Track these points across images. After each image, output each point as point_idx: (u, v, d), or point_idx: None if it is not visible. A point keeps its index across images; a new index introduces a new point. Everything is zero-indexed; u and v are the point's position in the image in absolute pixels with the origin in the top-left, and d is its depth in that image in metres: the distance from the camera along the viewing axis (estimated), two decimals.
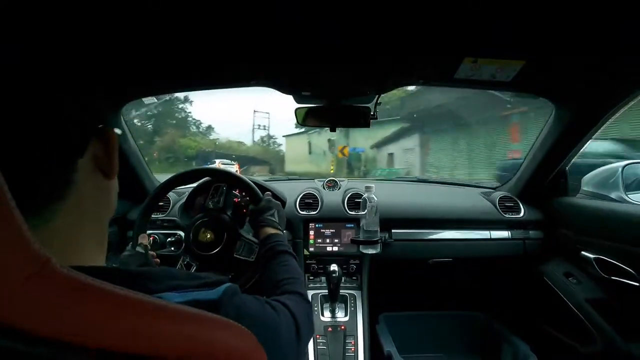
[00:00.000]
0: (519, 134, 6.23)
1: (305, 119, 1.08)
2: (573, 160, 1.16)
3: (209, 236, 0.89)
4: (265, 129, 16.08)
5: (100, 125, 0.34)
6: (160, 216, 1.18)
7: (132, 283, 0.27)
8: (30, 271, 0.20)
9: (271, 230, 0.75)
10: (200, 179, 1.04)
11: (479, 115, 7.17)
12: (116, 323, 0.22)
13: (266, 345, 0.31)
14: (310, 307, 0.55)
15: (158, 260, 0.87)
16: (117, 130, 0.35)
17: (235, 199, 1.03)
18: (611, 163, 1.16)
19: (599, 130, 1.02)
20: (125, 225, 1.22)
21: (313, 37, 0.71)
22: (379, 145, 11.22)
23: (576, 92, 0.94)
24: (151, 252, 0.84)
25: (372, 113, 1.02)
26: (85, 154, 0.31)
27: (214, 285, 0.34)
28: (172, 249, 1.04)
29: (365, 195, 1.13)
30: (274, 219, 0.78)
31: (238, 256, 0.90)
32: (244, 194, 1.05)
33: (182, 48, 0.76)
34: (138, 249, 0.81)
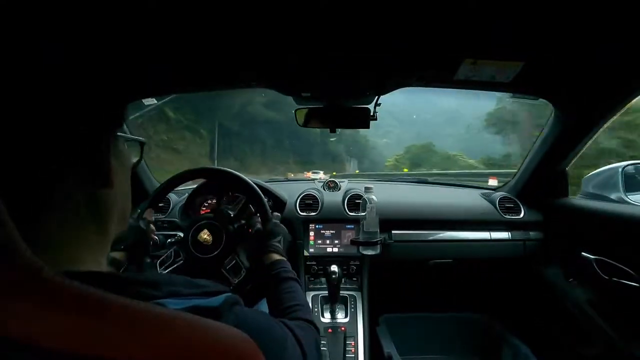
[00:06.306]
0: None
1: (306, 120, 1.08)
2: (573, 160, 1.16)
3: (208, 238, 0.88)
4: None
5: (102, 132, 0.33)
6: (160, 217, 1.18)
7: (130, 290, 0.26)
8: (22, 279, 0.20)
9: (277, 257, 0.75)
10: (229, 182, 1.00)
11: None
12: (111, 332, 0.22)
13: (269, 355, 0.30)
14: (319, 335, 0.53)
15: (156, 237, 0.86)
16: (126, 139, 0.34)
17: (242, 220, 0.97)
18: None
19: (599, 131, 1.02)
20: None
21: (313, 38, 0.71)
22: None
23: (576, 93, 0.94)
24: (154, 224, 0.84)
25: (372, 114, 1.03)
26: (74, 162, 0.30)
27: (214, 294, 0.33)
28: (172, 249, 1.04)
29: (365, 197, 1.13)
30: (279, 245, 0.78)
31: (223, 271, 0.88)
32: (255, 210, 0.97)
33: (183, 50, 0.76)
34: (140, 222, 0.81)
